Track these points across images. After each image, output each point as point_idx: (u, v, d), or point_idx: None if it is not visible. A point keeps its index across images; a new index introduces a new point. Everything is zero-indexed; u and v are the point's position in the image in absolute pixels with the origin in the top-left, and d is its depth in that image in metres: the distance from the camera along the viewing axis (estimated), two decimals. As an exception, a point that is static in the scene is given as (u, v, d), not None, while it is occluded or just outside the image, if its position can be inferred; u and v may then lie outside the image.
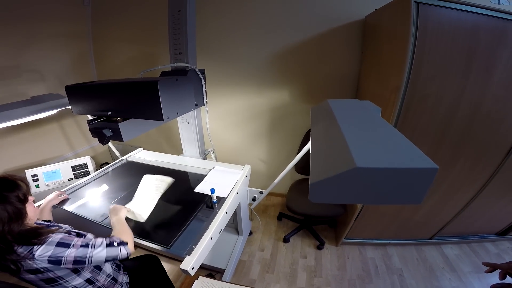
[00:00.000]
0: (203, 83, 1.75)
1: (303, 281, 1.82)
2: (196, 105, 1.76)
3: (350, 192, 0.61)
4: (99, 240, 0.95)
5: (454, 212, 1.86)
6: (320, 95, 2.20)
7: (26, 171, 1.99)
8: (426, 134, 1.46)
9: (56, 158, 2.51)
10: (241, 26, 2.19)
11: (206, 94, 1.81)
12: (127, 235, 1.06)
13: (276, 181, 1.61)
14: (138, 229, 1.28)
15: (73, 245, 0.88)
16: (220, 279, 1.04)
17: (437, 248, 2.08)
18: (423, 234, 2.08)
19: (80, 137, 2.81)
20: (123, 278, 1.13)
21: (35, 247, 0.83)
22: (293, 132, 2.40)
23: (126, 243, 1.00)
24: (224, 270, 1.78)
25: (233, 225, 2.02)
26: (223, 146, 2.69)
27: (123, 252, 0.98)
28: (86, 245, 0.91)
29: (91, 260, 0.90)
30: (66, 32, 2.55)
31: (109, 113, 1.30)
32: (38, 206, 1.36)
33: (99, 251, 0.92)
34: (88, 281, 0.99)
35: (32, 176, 1.97)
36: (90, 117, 1.38)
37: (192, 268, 1.04)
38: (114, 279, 1.06)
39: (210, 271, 1.82)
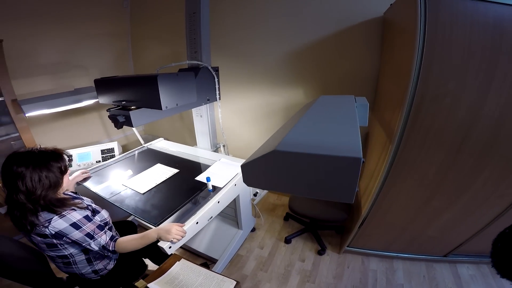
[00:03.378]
0: (216, 79, 1.91)
1: (294, 284, 1.84)
2: (208, 100, 1.94)
3: (275, 177, 0.67)
4: (103, 237, 1.18)
5: (475, 229, 1.68)
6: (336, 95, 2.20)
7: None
8: (442, 139, 1.35)
9: (93, 144, 2.95)
10: (256, 25, 2.30)
11: (219, 90, 1.97)
12: (133, 247, 1.23)
13: None
14: (136, 205, 1.49)
15: (81, 230, 1.11)
16: (210, 269, 1.16)
17: (451, 266, 1.91)
18: (437, 250, 1.91)
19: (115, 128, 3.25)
20: (112, 245, 1.30)
21: (54, 218, 1.06)
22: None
23: (115, 252, 1.22)
24: (217, 260, 1.90)
25: (235, 218, 2.13)
26: (237, 141, 2.83)
27: (108, 255, 1.25)
28: (89, 236, 1.13)
29: (85, 246, 1.14)
30: (109, 31, 2.98)
31: (123, 102, 1.54)
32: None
33: (94, 246, 1.15)
34: (84, 250, 1.21)
35: (68, 156, 2.36)
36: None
37: (170, 247, 1.18)
38: (105, 248, 1.22)
39: (206, 259, 1.96)
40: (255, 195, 1.90)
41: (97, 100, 2.22)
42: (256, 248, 2.15)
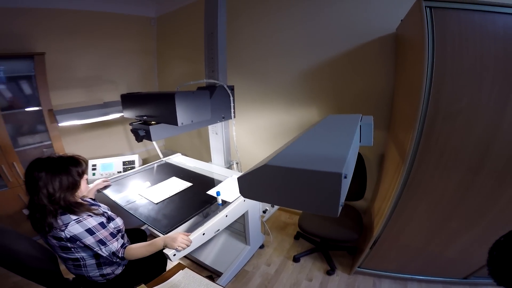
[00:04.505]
0: (231, 98, 2.02)
1: (298, 303, 1.80)
2: (223, 117, 2.04)
3: (267, 190, 0.72)
4: (114, 244, 1.26)
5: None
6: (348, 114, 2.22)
7: (89, 160, 2.60)
8: (458, 159, 1.31)
9: (116, 155, 3.16)
10: (271, 45, 2.43)
11: (234, 109, 2.07)
12: (140, 254, 1.32)
13: None
14: (148, 213, 1.59)
15: (95, 236, 1.21)
16: (215, 281, 1.20)
17: (472, 289, 1.78)
18: (456, 272, 1.78)
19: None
20: (121, 252, 1.37)
21: (71, 223, 1.16)
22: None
23: (124, 260, 1.31)
24: (222, 273, 1.92)
25: (244, 234, 2.15)
26: (250, 159, 2.90)
27: (117, 261, 1.31)
28: (102, 242, 1.23)
29: (96, 251, 1.22)
30: (137, 49, 3.28)
31: (145, 117, 1.68)
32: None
33: (105, 251, 1.23)
34: (95, 255, 1.29)
35: (92, 165, 2.56)
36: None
37: (174, 255, 1.25)
38: (115, 254, 1.30)
39: (211, 272, 1.99)
40: (264, 212, 1.93)
41: (123, 114, 2.44)
42: (263, 265, 2.14)
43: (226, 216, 1.57)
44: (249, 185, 0.75)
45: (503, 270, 0.59)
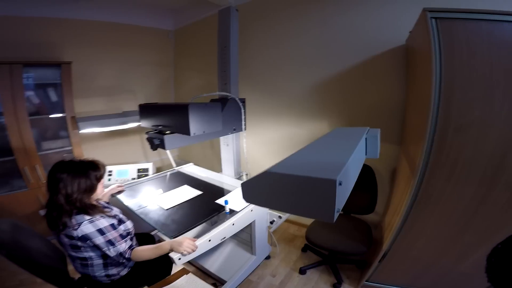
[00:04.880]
0: (242, 110, 2.09)
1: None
2: (234, 129, 2.10)
3: (267, 195, 0.76)
4: (122, 245, 1.31)
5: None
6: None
7: (106, 166, 2.72)
8: (471, 172, 1.28)
9: (131, 163, 3.27)
10: (282, 59, 2.49)
11: (245, 121, 2.14)
12: (147, 256, 1.35)
13: None
14: (158, 218, 1.65)
15: (105, 236, 1.26)
16: None
17: (489, 304, 1.65)
18: (470, 287, 1.70)
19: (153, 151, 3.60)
20: (128, 253, 1.40)
21: (84, 222, 1.22)
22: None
23: (131, 261, 1.35)
24: (226, 282, 1.91)
25: (250, 244, 2.15)
26: (260, 171, 2.92)
27: (123, 262, 1.36)
28: (111, 243, 1.27)
29: (105, 251, 1.26)
30: (156, 60, 3.46)
31: (160, 127, 1.76)
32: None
33: (113, 252, 1.28)
34: (103, 255, 1.33)
35: (109, 171, 2.67)
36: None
37: (179, 259, 1.29)
38: (122, 255, 1.34)
39: (215, 280, 1.99)
40: (271, 222, 1.94)
41: (140, 123, 2.55)
42: (268, 276, 2.12)
43: (233, 224, 1.60)
44: (252, 190, 0.79)
45: (501, 276, 0.60)
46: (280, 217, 1.91)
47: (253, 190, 0.78)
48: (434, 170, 1.34)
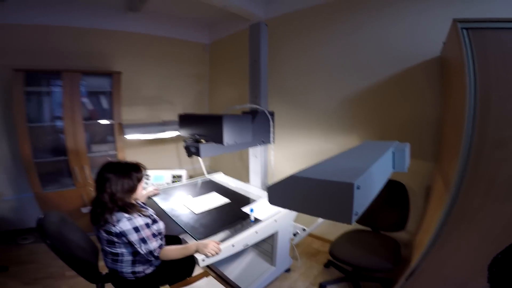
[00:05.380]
0: (271, 123, 2.16)
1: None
2: (262, 141, 2.17)
3: (292, 198, 0.81)
4: (153, 244, 1.38)
5: None
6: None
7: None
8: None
9: (167, 169, 3.48)
10: (312, 73, 2.54)
11: (273, 134, 2.20)
12: (174, 255, 1.43)
13: (320, 221, 1.75)
14: (188, 221, 1.75)
15: (139, 234, 1.35)
16: None
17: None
18: None
19: (187, 159, 3.79)
20: (158, 251, 1.47)
21: (123, 219, 1.33)
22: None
23: (158, 259, 1.42)
24: None
25: (271, 255, 2.14)
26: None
27: (152, 260, 1.44)
28: (143, 240, 1.35)
29: (136, 248, 1.35)
30: (193, 73, 3.73)
31: (196, 136, 1.89)
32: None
33: (144, 249, 1.35)
34: (134, 253, 1.42)
35: (146, 175, 2.86)
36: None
37: (203, 260, 1.36)
38: (151, 253, 1.42)
39: None
40: (295, 234, 1.94)
41: (177, 132, 2.74)
42: (285, 288, 2.08)
43: (256, 232, 1.64)
44: (277, 193, 0.84)
45: (502, 286, 0.59)
46: (304, 229, 1.90)
47: (278, 193, 0.84)
48: (470, 187, 1.27)
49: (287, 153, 2.89)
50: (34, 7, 2.67)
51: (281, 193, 0.83)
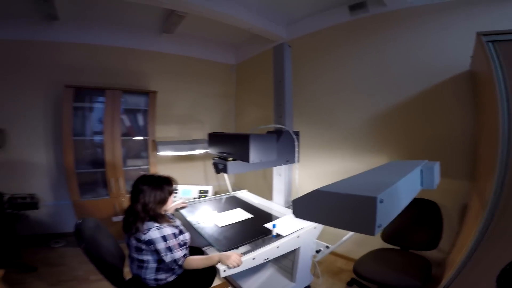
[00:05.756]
0: (296, 143, 2.19)
1: None
2: (287, 161, 2.19)
3: (316, 211, 0.84)
4: (179, 253, 1.45)
5: None
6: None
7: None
8: None
9: (194, 184, 3.60)
10: (335, 92, 2.57)
11: (298, 153, 2.23)
12: (197, 265, 1.49)
13: (345, 238, 1.76)
14: (212, 233, 1.80)
15: (166, 243, 1.42)
16: None
17: None
18: None
19: (213, 176, 3.91)
20: (182, 260, 1.52)
21: (152, 228, 1.42)
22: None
23: (182, 267, 1.48)
24: None
25: (291, 271, 2.06)
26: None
27: (175, 268, 1.51)
28: (170, 249, 1.42)
29: (162, 256, 1.41)
30: (221, 92, 3.93)
31: (224, 154, 1.97)
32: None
33: (169, 258, 1.41)
34: (158, 260, 1.48)
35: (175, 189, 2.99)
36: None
37: (224, 271, 1.38)
38: (176, 261, 1.47)
39: None
40: (317, 251, 1.90)
41: (205, 150, 2.85)
42: (303, 305, 1.99)
43: (278, 247, 1.64)
44: (302, 206, 0.88)
45: None
46: (327, 247, 1.86)
47: (303, 206, 0.87)
48: (508, 204, 1.21)
49: (312, 172, 2.89)
50: (82, 27, 3.03)
51: (306, 206, 0.86)
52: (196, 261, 1.49)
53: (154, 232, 1.42)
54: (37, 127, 2.98)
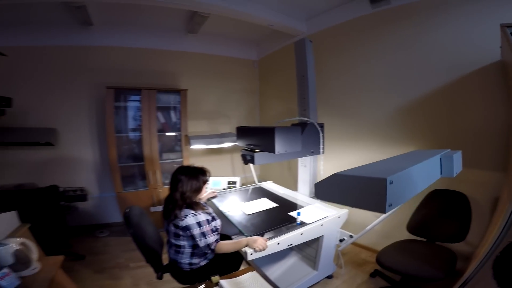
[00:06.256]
0: (321, 135, 2.25)
1: None
2: (312, 152, 2.26)
3: (337, 193, 0.92)
4: (211, 238, 1.56)
5: None
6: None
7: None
8: None
9: (223, 176, 3.77)
10: (360, 84, 2.56)
11: (323, 145, 2.28)
12: (227, 249, 1.61)
13: (368, 228, 1.79)
14: (240, 220, 1.94)
15: (201, 228, 1.53)
16: None
17: None
18: None
19: (240, 168, 4.09)
20: (214, 245, 1.64)
21: (189, 215, 1.55)
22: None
23: (214, 252, 1.60)
24: None
25: (314, 260, 2.15)
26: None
27: (208, 253, 1.64)
28: (203, 234, 1.53)
29: (197, 241, 1.53)
30: (245, 88, 4.05)
31: (251, 146, 2.09)
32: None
33: (203, 243, 1.53)
34: (193, 246, 1.60)
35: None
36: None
37: (251, 254, 1.50)
38: (209, 246, 1.59)
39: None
40: (341, 241, 1.95)
41: (233, 143, 3.00)
42: (324, 293, 2.04)
43: (301, 234, 1.73)
44: (323, 189, 0.97)
45: (506, 280, 0.63)
46: (351, 236, 1.91)
47: (324, 189, 0.97)
48: None
49: (337, 163, 2.90)
50: (116, 32, 3.28)
51: (326, 188, 0.95)
52: (226, 245, 1.62)
53: (190, 218, 1.54)
54: (83, 126, 3.30)
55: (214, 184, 3.10)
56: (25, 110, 2.88)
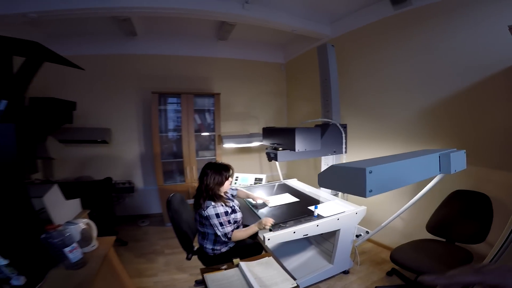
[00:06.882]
0: (343, 135, 2.36)
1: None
2: (334, 151, 2.38)
3: (333, 181, 1.10)
4: (228, 228, 1.75)
5: None
6: (481, 154, 1.98)
7: (234, 173, 3.52)
8: None
9: (250, 173, 4.00)
10: (384, 86, 2.59)
11: (345, 145, 2.38)
12: (241, 235, 1.80)
13: (383, 224, 1.88)
14: (263, 211, 2.14)
15: (219, 219, 1.73)
16: None
17: None
18: None
19: (267, 166, 4.30)
20: (230, 234, 1.83)
21: (210, 206, 1.75)
22: (439, 192, 2.19)
23: (231, 240, 1.79)
24: (295, 280, 2.05)
25: (331, 253, 2.22)
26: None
27: (226, 241, 1.81)
28: (221, 224, 1.73)
29: (215, 230, 1.75)
30: (273, 90, 4.25)
31: (275, 144, 2.28)
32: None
33: (220, 231, 1.74)
34: (215, 233, 1.79)
35: (236, 177, 3.44)
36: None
37: (269, 239, 1.67)
38: (226, 235, 1.79)
39: None
40: (357, 236, 2.05)
41: (260, 142, 3.23)
42: (338, 288, 2.11)
43: (317, 226, 1.87)
44: (324, 178, 1.15)
45: None
46: (367, 232, 2.00)
47: (324, 178, 1.15)
48: None
49: (360, 163, 2.96)
50: (157, 41, 3.68)
51: (326, 177, 1.14)
52: (240, 232, 1.81)
53: (210, 209, 1.74)
54: (132, 126, 3.77)
55: (242, 180, 3.35)
56: (86, 112, 3.36)
